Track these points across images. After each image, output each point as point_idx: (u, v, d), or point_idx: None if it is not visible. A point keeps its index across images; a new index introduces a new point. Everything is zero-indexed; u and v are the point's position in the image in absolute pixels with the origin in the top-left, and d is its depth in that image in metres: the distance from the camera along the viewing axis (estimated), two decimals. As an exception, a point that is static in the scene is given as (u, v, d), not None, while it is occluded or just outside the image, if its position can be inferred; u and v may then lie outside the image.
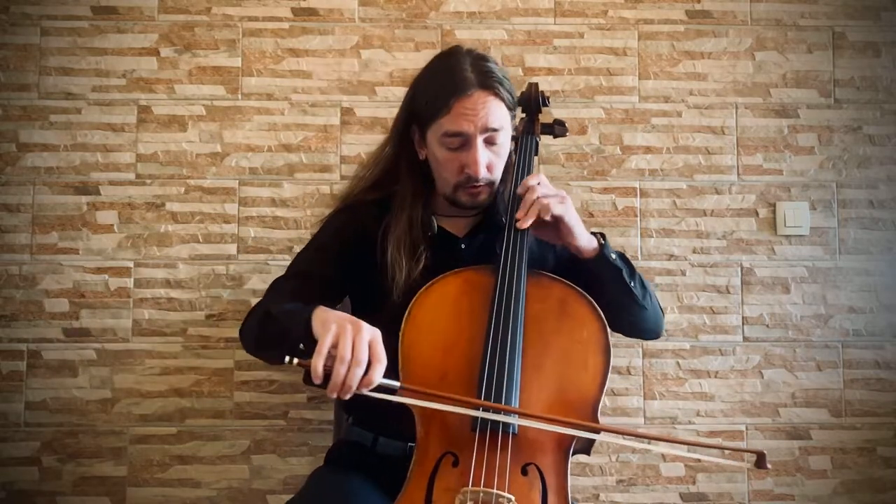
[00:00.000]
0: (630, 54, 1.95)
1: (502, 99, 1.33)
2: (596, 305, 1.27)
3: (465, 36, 1.93)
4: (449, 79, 1.32)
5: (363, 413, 1.39)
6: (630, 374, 1.88)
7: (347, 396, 1.05)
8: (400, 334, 1.23)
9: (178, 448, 1.83)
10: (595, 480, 1.86)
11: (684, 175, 1.94)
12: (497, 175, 1.38)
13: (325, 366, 1.04)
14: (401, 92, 1.88)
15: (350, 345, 1.04)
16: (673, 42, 1.96)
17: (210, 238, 1.87)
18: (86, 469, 1.82)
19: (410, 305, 1.26)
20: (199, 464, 1.83)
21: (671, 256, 1.92)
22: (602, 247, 1.32)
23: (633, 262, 1.38)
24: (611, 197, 1.93)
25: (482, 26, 1.94)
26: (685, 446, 1.67)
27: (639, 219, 1.92)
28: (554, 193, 1.28)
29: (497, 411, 1.13)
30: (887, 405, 1.90)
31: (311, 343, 1.08)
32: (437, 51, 1.91)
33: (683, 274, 1.92)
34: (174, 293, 1.86)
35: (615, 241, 1.90)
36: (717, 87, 1.95)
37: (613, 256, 1.33)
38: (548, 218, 1.26)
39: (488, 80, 1.32)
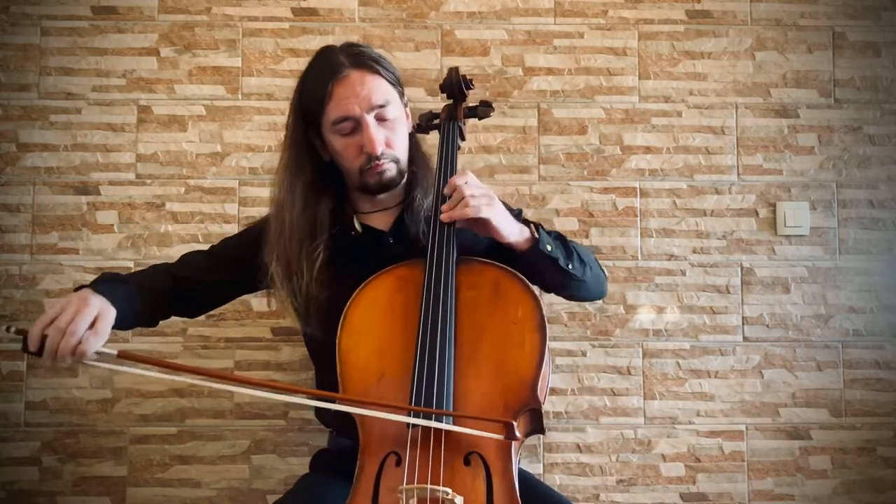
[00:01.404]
0: (630, 54, 1.95)
1: (380, 74, 1.35)
2: (528, 284, 1.27)
3: (465, 36, 1.93)
4: (323, 68, 1.35)
5: (343, 426, 1.36)
6: (630, 374, 1.88)
7: (62, 364, 1.15)
8: (336, 342, 1.24)
9: (178, 448, 1.83)
10: (595, 480, 1.86)
11: (684, 175, 1.94)
12: (400, 151, 1.38)
13: (43, 335, 1.12)
14: (401, 92, 1.90)
15: (70, 316, 1.13)
16: (673, 42, 1.96)
17: (210, 238, 1.87)
18: (86, 469, 1.82)
19: (344, 312, 1.26)
20: (199, 464, 1.83)
21: (671, 256, 1.92)
22: (536, 240, 1.30)
23: (633, 262, 1.38)
24: (611, 197, 1.93)
25: (482, 26, 1.94)
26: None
27: (639, 219, 1.92)
28: (480, 194, 1.26)
29: (423, 414, 1.13)
30: (887, 405, 1.90)
31: None
32: (437, 51, 1.92)
33: (683, 274, 1.92)
34: (174, 293, 1.86)
35: (615, 241, 1.91)
36: (717, 87, 1.95)
37: (549, 248, 1.31)
38: (475, 217, 1.25)
39: (361, 59, 1.35)
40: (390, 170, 1.37)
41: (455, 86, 1.48)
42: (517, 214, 1.41)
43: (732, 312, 1.91)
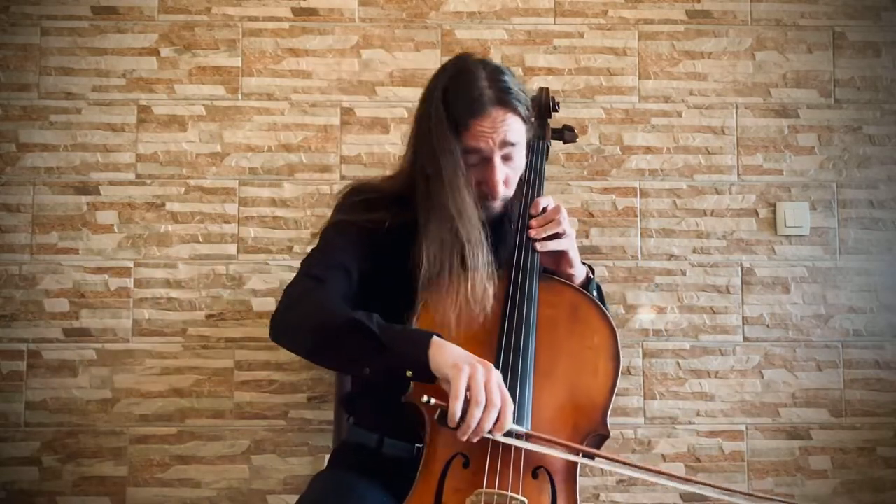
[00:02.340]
0: (630, 54, 1.95)
1: (519, 114, 1.31)
2: (606, 312, 1.29)
3: (465, 36, 1.93)
4: (465, 97, 1.29)
5: (365, 413, 1.38)
6: (630, 374, 1.88)
7: (476, 440, 1.06)
8: (415, 319, 1.23)
9: (178, 448, 1.83)
10: (595, 480, 1.86)
11: (684, 175, 1.94)
12: (512, 190, 1.37)
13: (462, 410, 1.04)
14: (401, 92, 1.90)
15: (483, 387, 1.04)
16: (673, 42, 1.96)
17: (210, 238, 1.87)
18: (86, 469, 1.82)
19: (426, 297, 1.24)
20: (199, 464, 1.83)
21: (671, 256, 1.92)
22: (589, 281, 1.36)
23: (633, 262, 1.39)
24: (611, 197, 1.93)
25: (482, 26, 1.94)
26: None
27: (639, 219, 1.92)
28: (568, 221, 1.32)
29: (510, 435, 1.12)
30: (887, 405, 1.90)
31: (421, 372, 1.10)
32: (437, 51, 1.92)
33: (683, 274, 1.92)
34: (174, 293, 1.86)
35: (615, 241, 1.91)
36: (717, 87, 1.95)
37: (594, 294, 1.37)
38: (560, 231, 1.29)
39: (505, 97, 1.29)
40: (496, 206, 1.36)
41: (544, 107, 1.51)
42: None
43: (732, 312, 1.91)
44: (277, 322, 1.29)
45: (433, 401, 1.05)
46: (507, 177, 1.33)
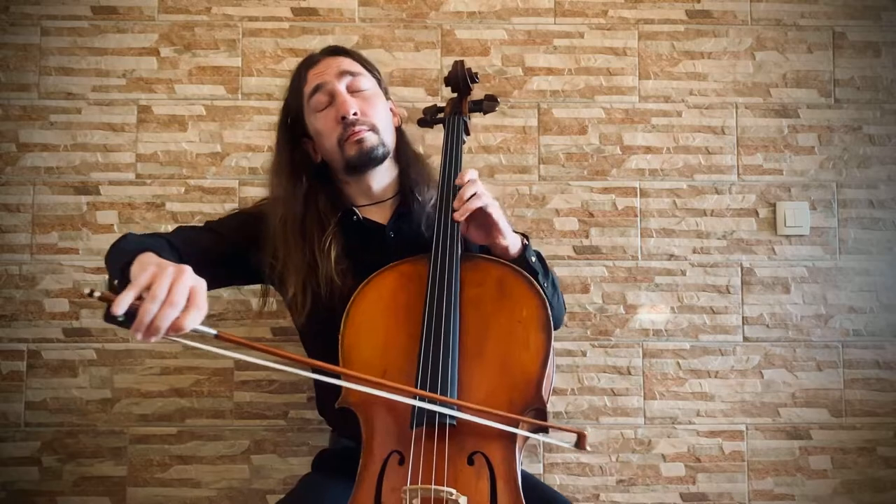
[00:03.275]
0: (630, 54, 1.95)
1: (354, 58, 1.44)
2: (534, 282, 1.27)
3: (465, 36, 1.93)
4: (300, 65, 1.46)
5: (347, 426, 1.35)
6: (630, 374, 1.88)
7: (153, 339, 0.95)
8: (339, 337, 1.23)
9: (178, 448, 1.83)
10: (595, 480, 1.86)
11: (684, 175, 1.94)
12: (378, 121, 1.40)
13: (132, 304, 0.94)
14: (402, 92, 1.90)
15: (167, 285, 0.95)
16: (673, 42, 1.96)
17: (210, 238, 1.87)
18: (86, 469, 1.82)
19: (348, 306, 1.25)
20: (199, 464, 1.83)
21: (671, 256, 1.92)
22: (525, 248, 1.33)
23: (633, 262, 1.39)
24: (611, 197, 1.93)
25: (482, 26, 1.94)
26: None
27: (639, 219, 1.92)
28: (488, 192, 1.29)
29: (428, 400, 1.11)
30: (887, 405, 1.90)
31: (123, 281, 1.05)
32: (437, 51, 1.92)
33: (683, 274, 1.92)
34: (174, 293, 1.85)
35: (615, 241, 1.91)
36: (717, 87, 1.95)
37: (533, 259, 1.34)
38: (480, 205, 1.25)
39: (335, 49, 1.46)
40: (369, 139, 1.37)
41: (460, 79, 1.48)
42: None
43: (732, 312, 1.91)
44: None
45: (96, 294, 0.91)
46: (360, 106, 1.38)
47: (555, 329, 1.44)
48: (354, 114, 1.36)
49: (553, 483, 1.84)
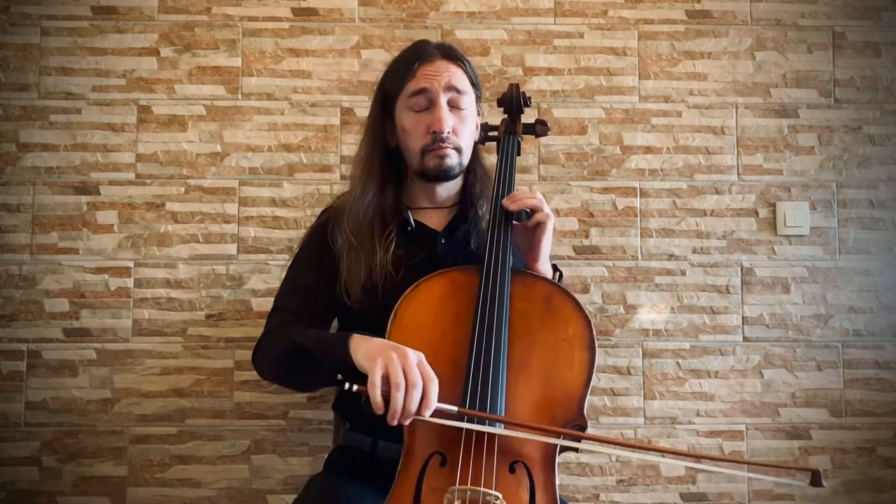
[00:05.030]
0: (630, 54, 1.95)
1: (465, 71, 1.42)
2: (580, 303, 1.28)
3: (465, 36, 1.93)
4: (413, 52, 1.43)
5: (360, 417, 1.38)
6: (630, 374, 1.88)
7: (407, 422, 1.07)
8: (386, 336, 1.23)
9: (178, 448, 1.83)
10: (595, 480, 1.86)
11: (684, 175, 1.94)
12: (464, 142, 1.41)
13: (382, 394, 1.06)
14: (401, 92, 1.89)
15: (401, 370, 1.06)
16: (673, 42, 1.96)
17: (210, 238, 1.87)
18: (86, 469, 1.82)
19: (396, 307, 1.25)
20: (199, 464, 1.83)
21: (671, 256, 1.92)
22: (559, 279, 1.38)
23: (633, 262, 1.39)
24: (611, 197, 1.93)
25: (482, 26, 1.94)
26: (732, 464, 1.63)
27: (639, 219, 1.92)
28: (550, 211, 1.33)
29: (482, 421, 1.13)
30: (887, 405, 1.90)
31: (352, 374, 1.11)
32: (437, 51, 1.91)
33: (683, 274, 1.92)
34: (174, 293, 1.86)
35: (615, 241, 1.91)
36: (717, 87, 1.95)
37: None
38: (538, 207, 1.29)
39: (451, 52, 1.43)
40: (451, 156, 1.39)
41: (514, 102, 1.51)
42: None
43: (732, 312, 1.91)
44: (253, 358, 1.41)
45: (355, 387, 1.07)
46: (455, 125, 1.39)
47: None
48: (447, 133, 1.38)
49: (553, 483, 1.83)
